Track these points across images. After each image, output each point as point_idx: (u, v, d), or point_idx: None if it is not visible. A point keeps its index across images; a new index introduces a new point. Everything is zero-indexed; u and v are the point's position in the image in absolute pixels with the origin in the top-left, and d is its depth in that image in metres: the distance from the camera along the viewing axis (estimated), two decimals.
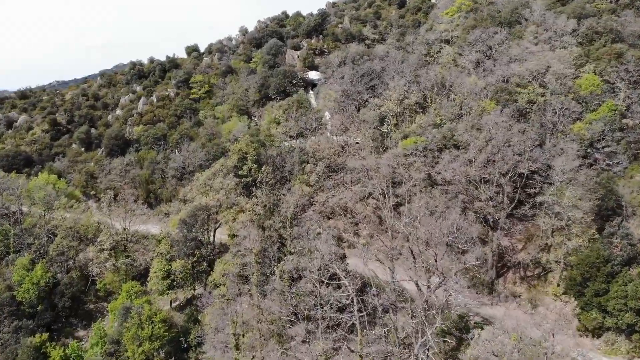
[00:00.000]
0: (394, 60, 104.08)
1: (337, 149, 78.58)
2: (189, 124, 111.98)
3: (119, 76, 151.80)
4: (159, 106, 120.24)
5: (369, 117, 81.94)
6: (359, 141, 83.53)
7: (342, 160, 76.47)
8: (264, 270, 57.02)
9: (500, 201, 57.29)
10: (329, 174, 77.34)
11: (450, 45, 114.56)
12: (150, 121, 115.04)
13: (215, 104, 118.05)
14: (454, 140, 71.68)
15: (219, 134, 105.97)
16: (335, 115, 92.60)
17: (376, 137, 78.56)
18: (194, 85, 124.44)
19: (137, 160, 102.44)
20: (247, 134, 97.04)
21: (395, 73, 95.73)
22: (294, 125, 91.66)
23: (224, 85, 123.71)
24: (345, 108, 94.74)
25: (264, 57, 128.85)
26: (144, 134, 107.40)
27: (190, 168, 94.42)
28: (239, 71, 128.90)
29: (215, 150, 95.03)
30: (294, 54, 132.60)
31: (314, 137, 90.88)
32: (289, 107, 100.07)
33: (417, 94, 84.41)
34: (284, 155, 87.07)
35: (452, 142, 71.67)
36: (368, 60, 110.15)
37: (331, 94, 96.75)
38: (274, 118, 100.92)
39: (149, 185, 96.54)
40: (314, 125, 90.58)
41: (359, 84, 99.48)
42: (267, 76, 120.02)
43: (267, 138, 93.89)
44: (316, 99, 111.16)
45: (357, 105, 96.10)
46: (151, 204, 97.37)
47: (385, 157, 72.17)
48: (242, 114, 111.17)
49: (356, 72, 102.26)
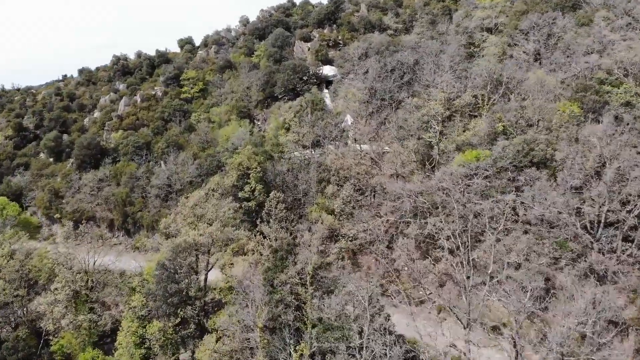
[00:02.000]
0: (430, 52, 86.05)
1: (367, 163, 60.44)
2: (179, 129, 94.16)
3: (101, 73, 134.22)
4: (144, 108, 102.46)
5: (410, 122, 63.87)
6: (389, 150, 65.59)
7: (375, 179, 58.42)
8: (274, 355, 38.97)
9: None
10: (357, 197, 59.33)
11: (494, 33, 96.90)
12: (131, 126, 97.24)
13: (211, 105, 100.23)
14: (532, 155, 53.73)
15: (214, 141, 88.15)
16: (360, 119, 74.68)
17: (419, 148, 60.54)
18: (185, 83, 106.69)
19: (114, 175, 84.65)
20: (249, 143, 79.16)
21: (435, 66, 77.70)
22: (308, 131, 73.68)
23: (221, 82, 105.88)
24: (372, 110, 76.87)
25: (269, 50, 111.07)
26: (123, 142, 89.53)
27: (178, 186, 76.52)
28: (239, 66, 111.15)
29: (209, 163, 77.14)
30: (304, 46, 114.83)
31: (332, 146, 72.99)
32: (301, 109, 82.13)
33: (470, 93, 66.28)
34: (296, 171, 69.21)
35: (530, 157, 53.74)
36: (395, 51, 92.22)
37: (354, 93, 78.79)
38: (283, 123, 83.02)
39: (126, 207, 78.75)
40: (334, 133, 72.62)
41: (387, 80, 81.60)
42: (273, 72, 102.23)
43: (274, 148, 75.98)
44: (332, 99, 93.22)
45: (387, 107, 78.22)
46: (129, 230, 79.58)
47: (436, 177, 54.37)
48: (242, 117, 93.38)
49: (383, 65, 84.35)
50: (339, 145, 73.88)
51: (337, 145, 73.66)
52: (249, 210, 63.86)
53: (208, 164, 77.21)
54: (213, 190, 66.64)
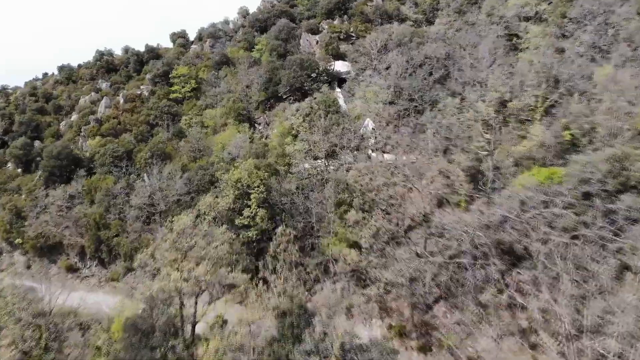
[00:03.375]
0: (464, 44, 73.74)
1: (401, 182, 47.62)
2: (166, 135, 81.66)
3: (83, 70, 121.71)
4: (127, 110, 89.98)
5: (457, 129, 51.27)
6: (416, 161, 53.01)
7: (414, 205, 45.62)
8: None
9: None
10: (390, 228, 46.53)
11: (536, 23, 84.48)
12: (112, 131, 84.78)
13: (204, 107, 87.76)
14: (626, 176, 41.05)
15: (207, 150, 75.65)
16: (384, 124, 62.14)
17: (467, 163, 47.90)
18: (175, 81, 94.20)
19: (87, 191, 72.09)
20: (249, 153, 66.75)
21: (475, 61, 65.40)
22: (321, 139, 61.10)
23: (217, 80, 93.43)
24: (400, 113, 64.39)
25: (272, 43, 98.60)
26: (99, 151, 76.93)
27: (162, 206, 63.90)
28: (238, 62, 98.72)
29: (200, 177, 64.56)
30: (311, 39, 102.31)
31: (350, 157, 60.46)
32: (311, 112, 69.56)
33: (531, 93, 53.73)
34: (307, 189, 56.72)
35: (623, 178, 41.06)
36: (420, 44, 79.80)
37: (376, 93, 66.24)
38: (289, 128, 70.45)
39: (100, 230, 66.15)
40: (356, 141, 60.08)
41: (415, 77, 69.12)
42: (276, 68, 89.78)
43: (279, 160, 63.45)
44: (347, 99, 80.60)
45: (414, 109, 65.79)
46: (103, 260, 66.93)
47: (497, 205, 41.89)
48: (241, 121, 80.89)
49: (410, 59, 71.83)
50: (356, 156, 61.36)
51: (355, 155, 61.10)
52: (249, 241, 51.29)
53: (199, 179, 64.63)
54: (204, 215, 54.13)
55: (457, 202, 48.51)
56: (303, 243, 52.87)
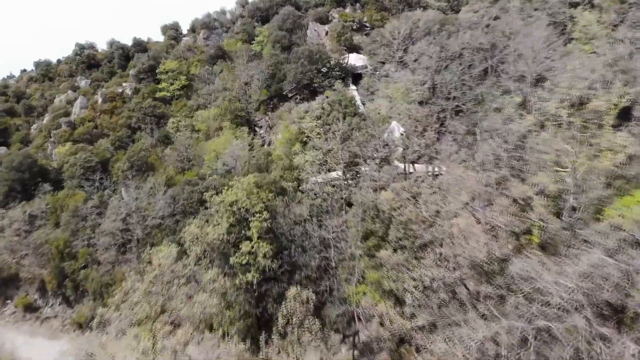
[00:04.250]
0: (508, 33, 61.96)
1: (457, 211, 35.37)
2: (150, 141, 69.70)
3: (62, 66, 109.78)
4: (106, 111, 78.08)
5: (516, 136, 39.18)
6: (466, 178, 40.86)
7: (484, 248, 33.42)
8: None
9: None
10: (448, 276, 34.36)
11: (586, 8, 72.63)
12: (86, 136, 72.80)
13: (196, 107, 75.83)
14: None
15: (198, 159, 63.78)
16: (422, 129, 50.00)
17: (552, 186, 35.75)
18: (163, 78, 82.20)
19: (52, 210, 60.13)
20: (247, 164, 55.05)
21: (529, 51, 53.62)
22: (339, 147, 49.08)
23: (211, 76, 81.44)
24: (437, 115, 52.47)
25: (275, 34, 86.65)
26: (69, 161, 64.97)
27: (139, 232, 51.91)
28: (236, 55, 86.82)
29: (187, 196, 52.53)
30: (320, 30, 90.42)
31: (376, 170, 48.42)
32: (324, 114, 57.58)
33: (618, 92, 41.74)
34: (322, 212, 44.82)
35: None
36: (453, 32, 67.77)
37: (407, 90, 54.20)
38: (298, 133, 58.45)
39: (64, 261, 54.16)
40: (384, 150, 47.97)
41: (452, 71, 57.18)
42: (280, 62, 77.98)
43: (286, 174, 51.42)
44: (363, 98, 68.46)
45: (457, 110, 53.89)
46: (68, 298, 54.93)
47: (595, 247, 29.89)
48: (239, 124, 69.01)
49: (445, 49, 59.96)
50: (382, 169, 49.29)
51: (379, 168, 49.01)
52: (248, 289, 39.24)
53: (186, 197, 52.58)
54: (189, 247, 42.22)
55: (529, 239, 36.47)
56: (318, 287, 40.95)
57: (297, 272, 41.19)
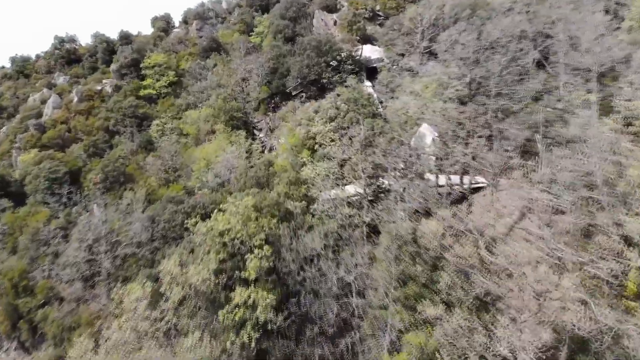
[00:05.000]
0: (554, 20, 52.15)
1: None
2: (130, 147, 59.82)
3: (41, 62, 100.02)
4: (81, 111, 68.25)
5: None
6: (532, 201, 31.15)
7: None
8: None
9: None
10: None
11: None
12: (57, 141, 63.00)
13: (185, 107, 65.95)
14: None
15: (185, 168, 53.95)
16: (467, 134, 40.00)
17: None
18: (148, 73, 72.30)
19: (10, 232, 50.36)
20: (244, 176, 45.36)
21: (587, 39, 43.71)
22: (359, 157, 39.21)
23: (203, 72, 71.58)
24: (483, 117, 42.67)
25: (277, 24, 76.83)
26: (32, 171, 55.10)
27: (108, 264, 42.00)
28: (232, 48, 77.06)
29: (169, 217, 42.66)
30: (328, 19, 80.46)
31: (408, 188, 38.48)
32: (338, 115, 47.67)
33: None
34: (340, 244, 35.17)
35: None
36: (488, 18, 57.87)
37: (442, 86, 44.27)
38: (306, 137, 48.56)
39: (19, 297, 44.32)
40: (415, 161, 38.03)
41: (492, 63, 47.16)
42: (283, 55, 68.29)
43: (292, 190, 41.42)
44: (384, 97, 58.45)
45: (502, 109, 43.96)
46: (24, 343, 45.04)
47: None
48: (235, 127, 59.13)
49: (482, 37, 50.02)
50: (410, 183, 39.31)
51: (410, 182, 39.02)
52: (242, 354, 29.33)
53: (167, 219, 42.68)
54: (168, 288, 32.42)
55: (621, 285, 26.65)
56: (336, 346, 31.09)
57: (308, 326, 31.38)
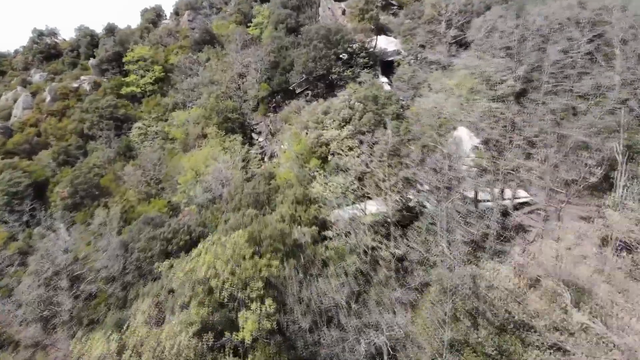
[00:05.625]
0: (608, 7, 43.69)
1: None
2: (106, 155, 51.33)
3: (18, 57, 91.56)
4: (54, 112, 59.84)
5: None
6: None
7: None
8: None
9: None
10: None
11: None
12: (25, 146, 54.57)
13: (172, 107, 57.50)
14: None
15: (170, 180, 45.51)
16: (524, 142, 31.54)
17: None
18: (131, 68, 63.89)
19: None
20: (239, 191, 37.16)
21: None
22: (386, 170, 30.76)
23: (194, 67, 63.18)
24: (542, 118, 34.22)
25: (278, 13, 68.42)
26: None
27: (68, 303, 33.57)
28: (227, 40, 68.66)
29: (146, 245, 34.20)
30: (335, 8, 72.04)
31: (449, 210, 30.10)
32: (353, 115, 39.24)
33: None
34: (367, 280, 26.76)
35: None
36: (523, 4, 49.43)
37: (481, 81, 35.85)
38: (315, 144, 40.14)
39: None
40: (458, 179, 29.62)
41: (538, 52, 38.92)
42: (285, 47, 60.00)
43: (299, 211, 32.97)
44: (406, 95, 49.96)
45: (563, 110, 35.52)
46: None
47: None
48: (229, 130, 50.71)
49: (525, 25, 41.90)
50: (450, 202, 30.92)
51: (451, 203, 30.60)
52: None
53: (143, 247, 34.25)
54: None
55: None
56: None
57: None
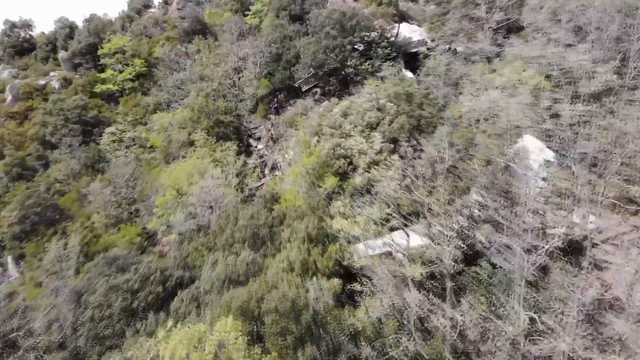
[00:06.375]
0: None
1: None
2: (70, 168, 41.93)
3: None
4: (15, 114, 50.56)
5: None
6: None
7: None
8: None
9: None
10: None
11: None
12: None
13: (153, 108, 48.13)
14: None
15: (146, 198, 36.12)
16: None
17: None
18: (108, 62, 54.55)
19: None
20: (233, 228, 27.68)
21: None
22: (443, 195, 21.32)
23: (181, 60, 53.85)
24: None
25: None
26: None
27: None
28: (221, 31, 59.42)
29: (103, 299, 24.77)
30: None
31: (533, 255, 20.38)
32: (382, 119, 29.82)
33: None
34: None
35: None
36: None
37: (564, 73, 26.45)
38: (332, 155, 30.70)
39: None
40: (533, 202, 20.24)
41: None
42: (289, 37, 50.67)
43: (314, 255, 23.52)
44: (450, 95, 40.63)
45: None
46: None
47: None
48: (221, 137, 41.31)
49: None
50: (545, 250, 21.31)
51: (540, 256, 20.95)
52: None
53: (99, 303, 24.90)
54: None
55: None
56: None
57: None
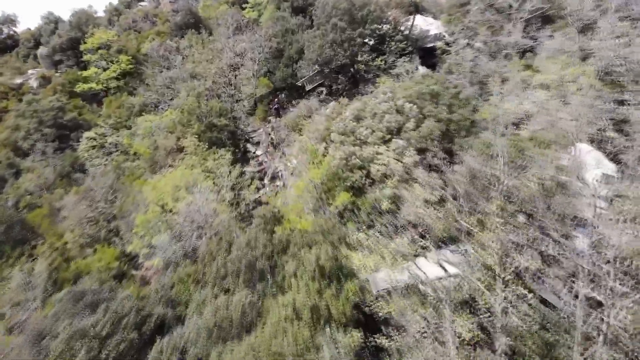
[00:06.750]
0: None
1: None
2: (44, 179, 36.87)
3: None
4: None
5: None
6: None
7: None
8: None
9: None
10: None
11: None
12: None
13: (138, 109, 43.06)
14: None
15: (127, 215, 31.06)
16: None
17: None
18: (91, 59, 49.51)
19: None
20: (223, 261, 22.57)
21: None
22: (496, 220, 16.25)
23: (171, 56, 48.84)
24: None
25: None
26: None
27: None
28: (217, 24, 54.49)
29: (67, 347, 19.69)
30: None
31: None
32: (404, 124, 24.88)
33: None
34: None
35: None
36: None
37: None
38: (345, 165, 25.70)
39: None
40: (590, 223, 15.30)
41: None
42: (292, 30, 45.74)
43: (327, 296, 18.48)
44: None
45: None
46: None
47: None
48: (214, 144, 36.30)
49: None
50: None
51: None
52: None
53: (62, 350, 19.88)
54: None
55: None
56: None
57: None
